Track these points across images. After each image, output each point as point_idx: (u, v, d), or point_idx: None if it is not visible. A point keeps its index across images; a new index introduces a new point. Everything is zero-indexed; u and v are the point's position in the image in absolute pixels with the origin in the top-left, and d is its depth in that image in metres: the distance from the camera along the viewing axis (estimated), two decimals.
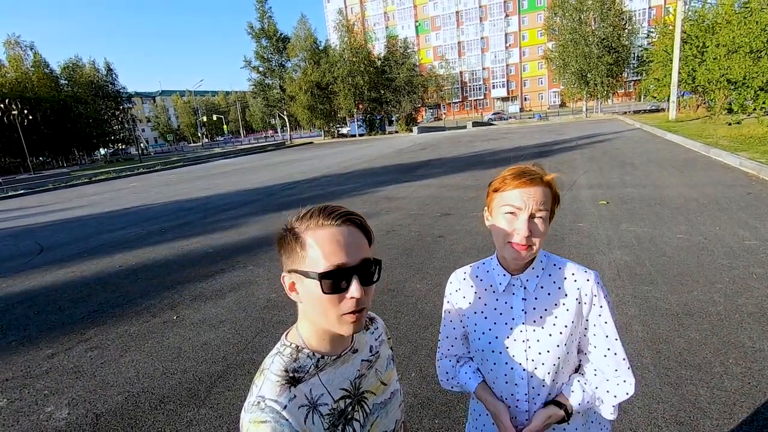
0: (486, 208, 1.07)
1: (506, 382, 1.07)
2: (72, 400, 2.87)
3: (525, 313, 1.05)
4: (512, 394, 1.07)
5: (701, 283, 3.60)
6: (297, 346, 0.80)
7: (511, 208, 0.97)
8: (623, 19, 32.87)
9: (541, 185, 0.97)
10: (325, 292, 0.71)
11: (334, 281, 0.71)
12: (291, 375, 0.76)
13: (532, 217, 0.96)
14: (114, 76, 52.48)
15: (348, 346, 0.85)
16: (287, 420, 0.70)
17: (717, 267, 3.89)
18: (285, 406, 0.72)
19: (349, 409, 0.82)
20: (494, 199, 1.02)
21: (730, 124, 13.41)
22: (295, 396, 0.74)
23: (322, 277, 0.70)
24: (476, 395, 1.13)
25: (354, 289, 0.71)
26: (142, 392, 2.87)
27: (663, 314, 3.17)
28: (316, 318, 0.76)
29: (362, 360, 0.88)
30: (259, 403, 0.72)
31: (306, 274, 0.72)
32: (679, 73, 21.16)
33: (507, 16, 71.12)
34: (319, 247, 0.71)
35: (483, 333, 1.09)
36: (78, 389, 2.99)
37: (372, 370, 0.89)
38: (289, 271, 0.76)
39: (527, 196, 0.96)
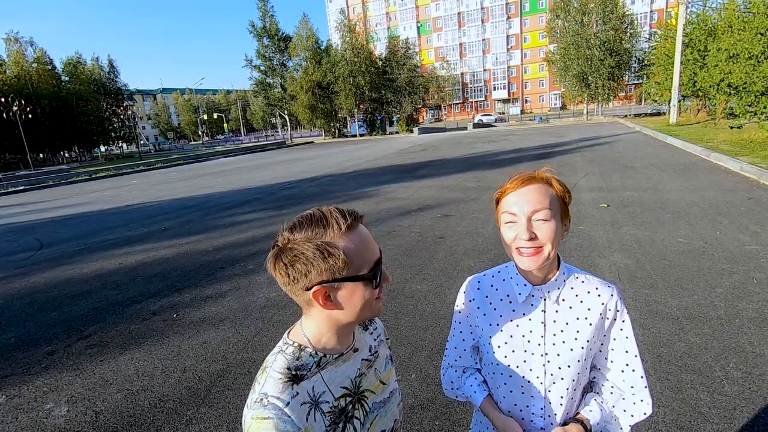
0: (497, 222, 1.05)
1: (522, 393, 1.03)
2: (71, 398, 2.86)
3: (544, 326, 1.01)
4: (527, 407, 1.03)
5: (702, 287, 3.60)
6: (300, 345, 0.80)
7: (508, 216, 0.95)
8: (625, 22, 32.93)
9: (537, 183, 0.94)
10: (374, 288, 0.77)
11: (377, 276, 0.77)
12: (293, 373, 0.76)
13: (531, 218, 0.92)
14: (116, 72, 52.53)
15: (350, 344, 0.86)
16: (289, 417, 0.71)
17: (717, 271, 3.89)
18: (287, 403, 0.72)
19: (350, 407, 0.82)
20: (498, 210, 1.00)
21: (732, 128, 13.42)
22: (297, 393, 0.74)
23: (373, 276, 0.76)
24: (482, 409, 1.09)
25: (388, 275, 0.81)
26: (142, 390, 2.87)
27: (663, 318, 3.17)
28: (350, 316, 0.78)
29: (362, 359, 0.88)
30: (261, 399, 0.72)
31: (358, 279, 0.75)
32: (681, 76, 21.20)
33: (509, 18, 71.14)
34: (358, 249, 0.74)
35: (498, 346, 1.04)
36: (77, 386, 2.99)
37: (372, 369, 0.90)
38: (323, 283, 0.73)
39: (521, 198, 0.93)
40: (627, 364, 1.03)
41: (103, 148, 56.96)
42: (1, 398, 2.94)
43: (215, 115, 73.07)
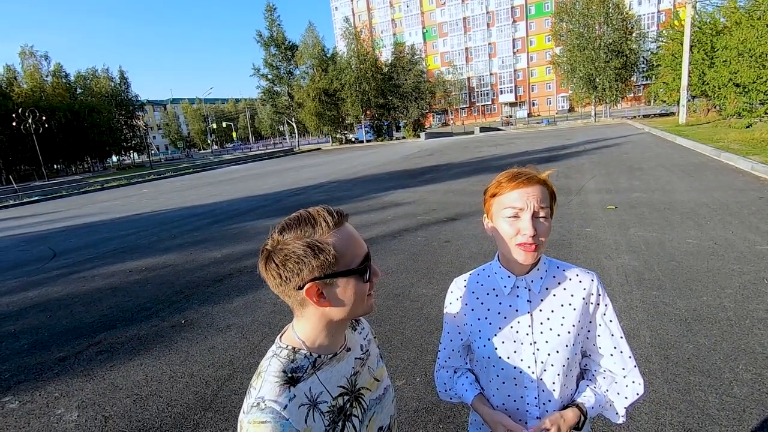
0: (485, 214, 1.07)
1: (515, 384, 1.05)
2: (82, 403, 2.91)
3: (531, 314, 1.03)
4: (521, 397, 1.05)
5: (711, 289, 3.55)
6: (293, 348, 0.80)
7: (512, 211, 0.96)
8: (630, 23, 32.74)
9: (538, 184, 0.98)
10: (365, 282, 0.78)
11: (367, 269, 0.78)
12: (289, 375, 0.76)
13: (535, 216, 0.95)
14: (127, 84, 53.60)
15: (342, 343, 0.87)
16: (287, 420, 0.71)
17: (727, 272, 3.84)
18: (285, 406, 0.72)
19: (348, 405, 0.83)
20: (493, 204, 1.02)
21: (731, 127, 13.26)
22: (294, 396, 0.75)
23: (364, 269, 0.77)
24: (473, 406, 1.11)
25: (377, 270, 0.81)
26: (150, 395, 2.91)
27: (671, 320, 3.13)
28: (343, 312, 0.79)
29: (356, 358, 0.90)
30: (258, 404, 0.72)
31: (348, 273, 0.76)
32: (689, 76, 20.99)
33: (514, 21, 71.16)
34: (347, 245, 0.76)
35: (488, 339, 1.06)
36: (88, 392, 3.04)
37: (365, 367, 0.91)
38: (315, 279, 0.74)
39: (527, 195, 0.95)
40: (615, 347, 1.06)
41: (115, 159, 57.96)
42: (14, 404, 3.00)
43: (224, 124, 74.01)
